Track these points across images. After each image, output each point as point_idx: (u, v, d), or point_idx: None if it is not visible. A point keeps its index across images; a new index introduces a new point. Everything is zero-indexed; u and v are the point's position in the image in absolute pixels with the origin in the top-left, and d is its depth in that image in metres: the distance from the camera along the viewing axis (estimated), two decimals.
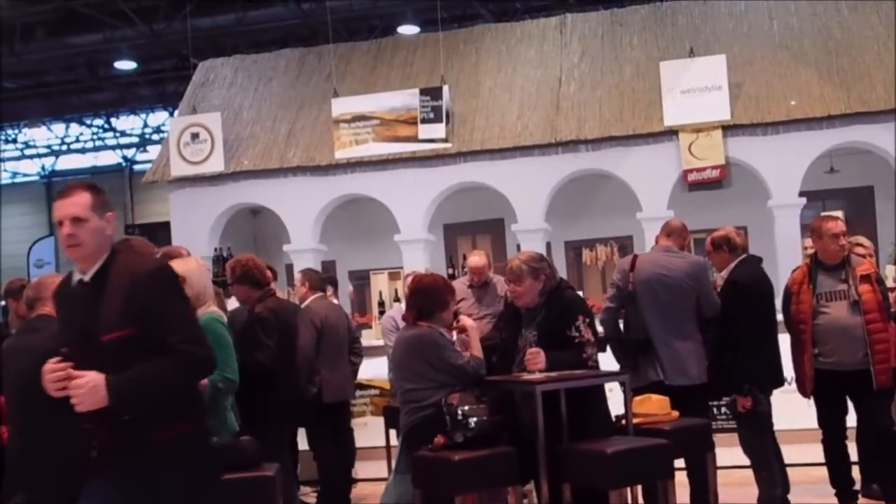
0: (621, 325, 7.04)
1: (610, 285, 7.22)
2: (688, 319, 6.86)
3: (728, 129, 12.95)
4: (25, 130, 30.37)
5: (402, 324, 8.70)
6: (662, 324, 6.78)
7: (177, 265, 5.38)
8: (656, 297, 6.80)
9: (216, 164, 14.31)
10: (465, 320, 6.41)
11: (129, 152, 30.80)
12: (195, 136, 14.34)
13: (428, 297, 6.15)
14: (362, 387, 9.96)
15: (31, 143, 31.01)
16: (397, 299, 11.47)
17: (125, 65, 23.03)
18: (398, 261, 14.01)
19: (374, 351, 9.68)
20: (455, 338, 6.35)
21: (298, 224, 14.46)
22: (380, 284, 13.52)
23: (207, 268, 5.95)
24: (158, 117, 29.22)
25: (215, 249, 14.39)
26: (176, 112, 25.00)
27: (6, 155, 31.10)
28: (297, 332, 7.56)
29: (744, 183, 13.30)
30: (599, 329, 6.71)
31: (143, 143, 30.33)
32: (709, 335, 6.92)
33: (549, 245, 14.18)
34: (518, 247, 14.01)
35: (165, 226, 16.01)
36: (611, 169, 13.59)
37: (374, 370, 9.82)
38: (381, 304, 13.26)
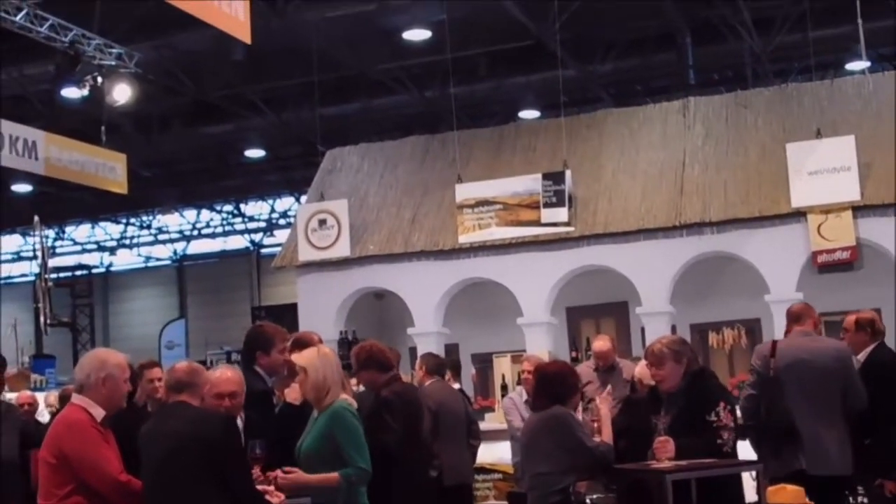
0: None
1: (749, 371, 7.08)
2: (833, 407, 6.64)
3: (858, 209, 12.69)
4: (159, 217, 31.52)
5: (523, 406, 8.72)
6: (808, 410, 6.58)
7: (297, 358, 5.48)
8: (801, 383, 6.62)
9: (343, 250, 14.61)
10: (601, 405, 6.35)
11: (257, 236, 31.65)
12: (322, 222, 14.69)
13: (557, 383, 6.14)
14: (485, 471, 9.91)
15: (164, 229, 32.13)
16: (519, 382, 11.45)
17: (254, 153, 23.85)
18: (521, 344, 14.00)
19: (498, 434, 9.65)
20: (581, 419, 6.32)
21: (422, 307, 14.61)
22: (502, 367, 13.50)
23: (335, 354, 6.02)
24: (285, 202, 30.02)
25: (341, 332, 14.61)
26: (302, 197, 25.76)
27: (141, 240, 32.30)
28: (422, 415, 7.59)
29: (876, 264, 12.95)
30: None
31: (270, 227, 31.13)
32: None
33: (674, 328, 13.98)
34: (642, 330, 13.89)
35: (291, 308, 16.34)
36: (736, 251, 13.41)
37: (497, 454, 9.77)
38: (504, 387, 13.22)
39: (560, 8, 15.13)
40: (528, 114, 20.04)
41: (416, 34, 17.38)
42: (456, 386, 9.47)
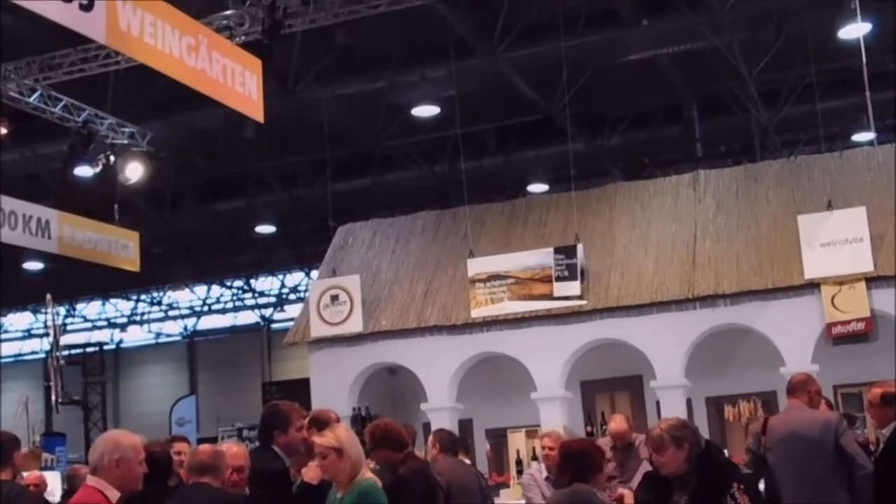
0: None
1: (745, 451, 7.02)
2: (828, 478, 6.56)
3: (872, 280, 12.63)
4: (170, 292, 31.58)
5: (543, 482, 8.64)
6: (800, 484, 6.50)
7: (332, 435, 5.45)
8: (792, 457, 6.55)
9: (355, 325, 14.58)
10: (626, 496, 6.28)
11: (267, 311, 31.66)
12: (335, 297, 14.68)
13: (582, 461, 6.06)
14: None
15: (175, 305, 32.18)
16: (535, 457, 11.33)
17: (266, 228, 23.97)
18: (535, 418, 13.88)
19: None
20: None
21: (435, 382, 14.52)
22: (517, 442, 13.39)
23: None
24: (295, 277, 30.09)
25: (354, 409, 14.52)
26: (313, 272, 25.81)
27: (151, 316, 32.33)
28: (439, 493, 7.52)
29: (891, 334, 12.84)
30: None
31: (281, 302, 31.18)
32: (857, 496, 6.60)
33: (689, 401, 13.87)
34: (657, 403, 13.77)
35: (302, 383, 16.27)
36: (750, 323, 13.34)
37: None
38: (519, 462, 13.11)
39: (568, 83, 15.28)
40: (538, 187, 20.15)
41: (426, 110, 17.57)
42: (466, 462, 9.39)
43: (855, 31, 13.54)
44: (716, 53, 15.82)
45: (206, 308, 32.03)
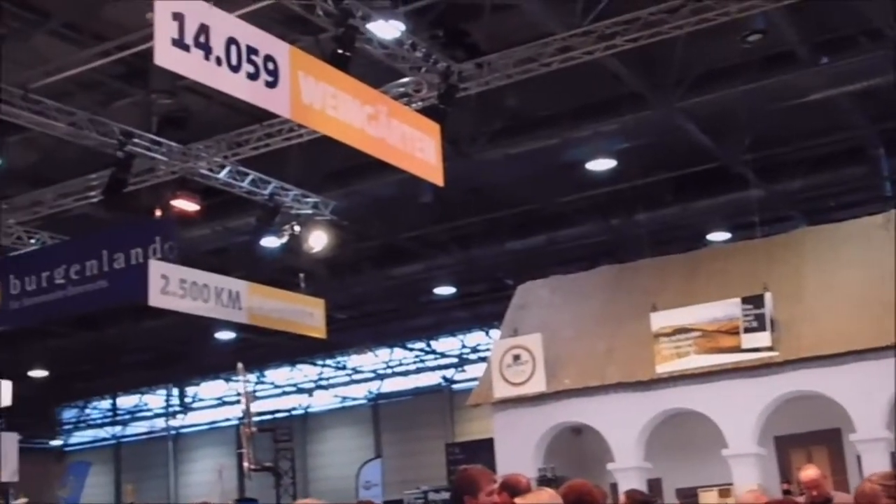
0: None
1: None
2: None
3: None
4: (353, 356, 32.17)
5: None
6: None
7: (535, 501, 5.36)
8: None
9: (538, 385, 14.50)
10: None
11: (448, 372, 31.82)
12: (517, 357, 14.66)
13: None
14: None
15: (358, 369, 32.72)
16: None
17: (444, 290, 24.17)
18: (727, 477, 13.45)
19: None
20: None
21: (622, 441, 14.25)
22: (709, 502, 12.97)
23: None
24: (475, 337, 30.18)
25: (539, 470, 14.38)
26: (492, 331, 25.84)
27: (336, 381, 32.97)
28: None
29: None
30: None
31: (462, 362, 31.28)
32: None
33: (893, 455, 13.16)
34: (858, 458, 13.12)
35: (485, 443, 16.24)
36: None
37: None
38: None
39: (745, 128, 14.92)
40: (718, 236, 19.67)
41: (600, 164, 17.42)
42: None
43: None
44: None
45: (388, 371, 32.45)
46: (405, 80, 12.40)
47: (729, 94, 14.23)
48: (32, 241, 16.11)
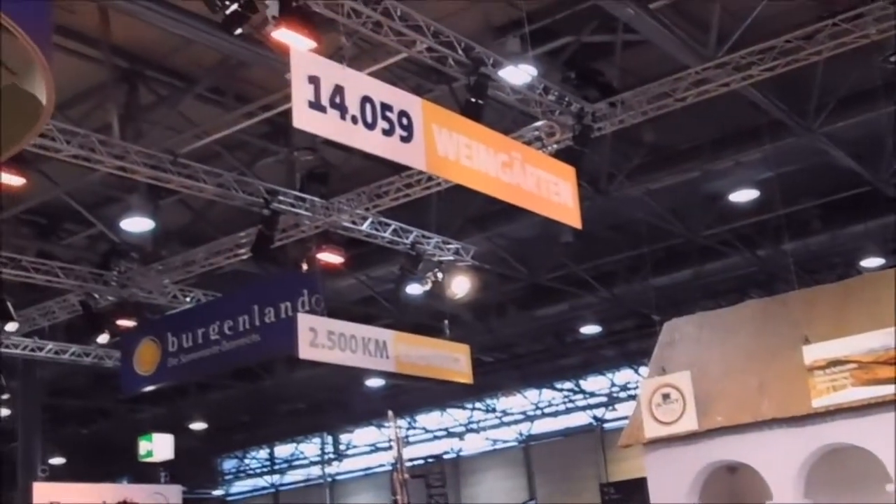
0: None
1: None
2: None
3: None
4: (502, 399, 32.20)
5: None
6: None
7: None
8: None
9: (689, 423, 14.22)
10: None
11: (599, 411, 31.50)
12: (666, 396, 14.43)
13: None
14: None
15: (508, 411, 32.72)
16: None
17: (590, 329, 24.03)
18: None
19: None
20: None
21: (779, 479, 13.82)
22: None
23: None
24: (624, 375, 29.84)
25: None
26: (641, 368, 25.51)
27: (486, 423, 33.03)
28: None
29: None
30: None
31: (611, 401, 30.94)
32: None
33: None
34: None
35: (640, 483, 15.97)
36: None
37: None
38: None
39: (894, 149, 14.45)
40: (871, 262, 19.05)
41: (743, 195, 17.12)
42: None
43: None
44: None
45: (538, 412, 32.34)
46: (539, 123, 12.45)
47: (873, 116, 13.82)
48: (187, 299, 16.74)
